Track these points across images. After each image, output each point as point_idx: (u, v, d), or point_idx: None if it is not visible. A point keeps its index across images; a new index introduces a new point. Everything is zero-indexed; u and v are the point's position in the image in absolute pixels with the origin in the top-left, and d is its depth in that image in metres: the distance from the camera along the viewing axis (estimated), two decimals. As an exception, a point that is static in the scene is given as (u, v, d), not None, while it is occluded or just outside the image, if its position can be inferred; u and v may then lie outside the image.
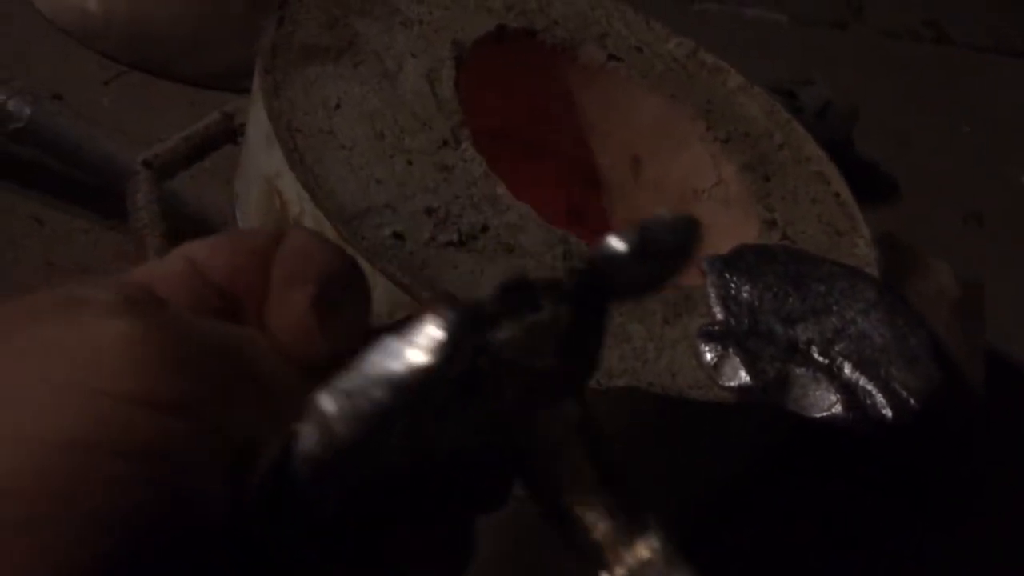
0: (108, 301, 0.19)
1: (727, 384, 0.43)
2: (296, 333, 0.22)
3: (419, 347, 0.17)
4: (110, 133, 0.65)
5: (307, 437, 0.17)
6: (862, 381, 0.45)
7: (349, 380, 0.17)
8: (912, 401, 0.45)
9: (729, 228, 0.59)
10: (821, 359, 0.46)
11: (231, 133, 0.53)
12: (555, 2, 0.64)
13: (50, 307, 0.19)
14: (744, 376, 0.43)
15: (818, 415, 0.43)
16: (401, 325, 0.18)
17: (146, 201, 0.46)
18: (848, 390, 0.44)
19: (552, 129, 0.66)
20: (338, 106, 0.47)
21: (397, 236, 0.42)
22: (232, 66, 0.85)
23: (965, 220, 1.28)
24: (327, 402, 0.17)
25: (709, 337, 0.45)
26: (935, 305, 0.89)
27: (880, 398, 0.45)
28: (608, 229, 0.68)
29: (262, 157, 0.45)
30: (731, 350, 0.44)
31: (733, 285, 0.48)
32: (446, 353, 0.17)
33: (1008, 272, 1.21)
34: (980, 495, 0.84)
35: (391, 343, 0.17)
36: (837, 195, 0.60)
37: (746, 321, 0.46)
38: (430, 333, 0.18)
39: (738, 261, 0.50)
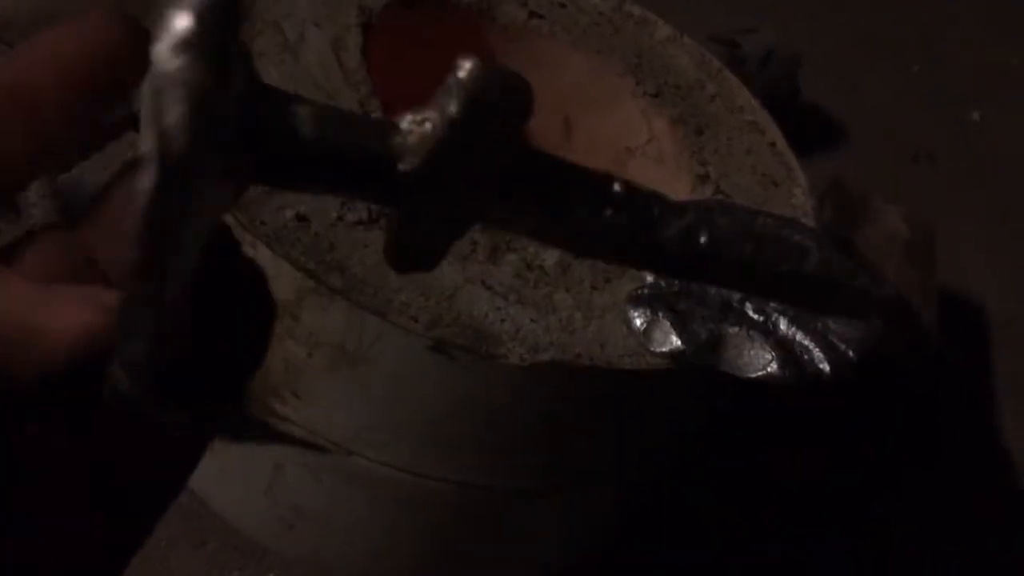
0: None
1: (658, 350, 0.41)
2: None
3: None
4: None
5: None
6: (798, 336, 0.44)
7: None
8: (850, 353, 0.44)
9: (662, 184, 0.57)
10: (756, 316, 0.44)
11: (132, 118, 0.50)
12: (471, -40, 0.61)
13: None
14: (675, 340, 0.41)
15: (753, 375, 0.42)
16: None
17: (38, 198, 0.43)
18: (784, 346, 0.43)
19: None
20: (234, 83, 0.44)
21: (301, 218, 0.40)
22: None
23: (917, 159, 1.27)
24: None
25: (638, 302, 0.43)
26: (886, 249, 0.88)
27: (817, 352, 0.43)
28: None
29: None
30: (661, 314, 0.42)
31: (663, 245, 0.46)
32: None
33: (962, 209, 1.21)
34: (941, 437, 0.83)
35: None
36: (772, 144, 0.58)
37: (676, 282, 0.44)
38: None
39: (668, 220, 0.48)
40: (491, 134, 0.16)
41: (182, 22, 0.13)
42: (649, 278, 0.45)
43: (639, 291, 0.44)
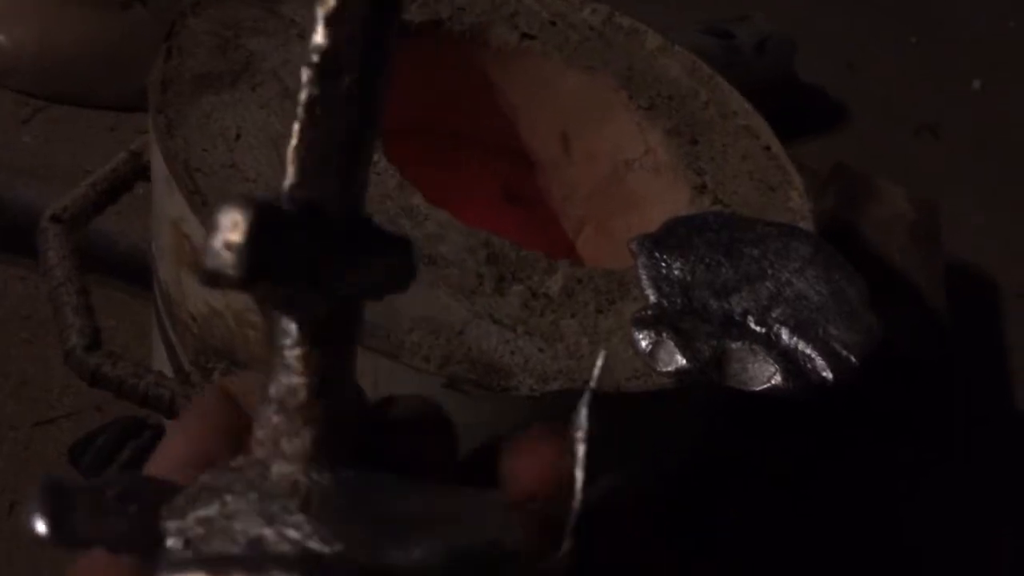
0: None
1: (664, 370, 0.43)
2: None
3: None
4: (28, 181, 0.63)
5: None
6: (800, 345, 0.45)
7: None
8: (852, 358, 0.45)
9: (661, 196, 0.59)
10: (758, 328, 0.45)
11: (142, 170, 0.52)
12: (460, -14, 0.62)
13: None
14: (680, 359, 0.43)
15: (758, 388, 0.43)
16: None
17: (58, 259, 0.44)
18: (787, 357, 0.44)
19: (476, 116, 0.64)
20: (239, 136, 0.46)
21: (310, 267, 0.41)
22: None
23: (918, 133, 1.28)
24: None
25: (642, 323, 0.44)
26: (891, 230, 0.89)
27: (819, 361, 0.44)
28: (545, 208, 0.67)
29: (166, 200, 0.44)
30: (665, 334, 0.43)
31: (664, 264, 0.47)
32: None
33: (968, 180, 1.21)
34: (956, 415, 0.84)
35: None
36: (767, 148, 0.59)
37: (679, 300, 0.46)
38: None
39: (668, 237, 0.49)
40: None
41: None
42: (652, 298, 0.46)
43: (643, 312, 0.45)
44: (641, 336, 0.44)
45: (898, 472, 0.74)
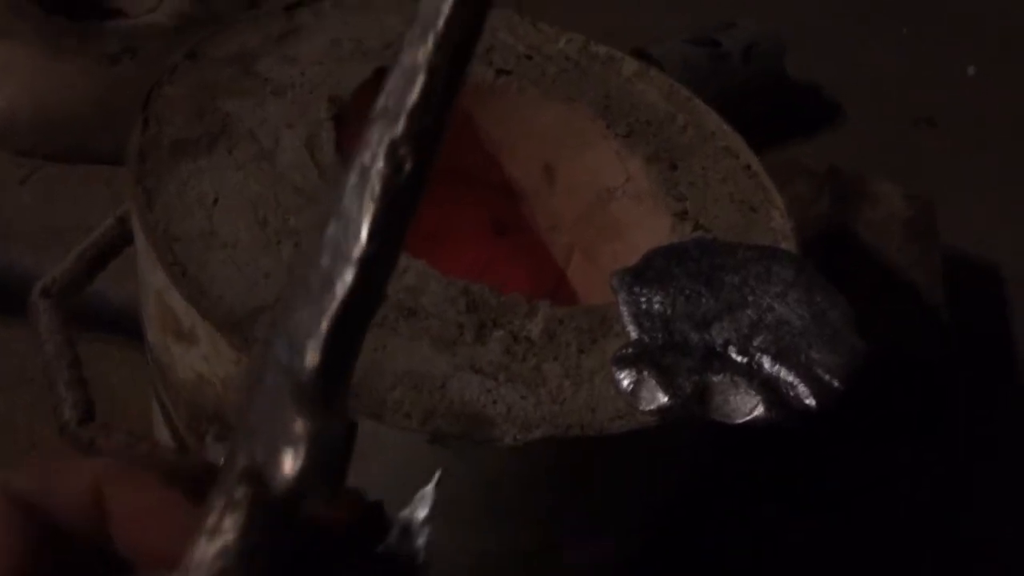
0: None
1: (647, 408, 0.43)
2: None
3: None
4: (23, 248, 0.64)
5: None
6: (782, 373, 0.45)
7: None
8: (835, 383, 0.45)
9: (644, 224, 0.59)
10: (740, 358, 0.46)
11: (129, 235, 0.53)
12: (433, 28, 0.63)
13: None
14: (662, 397, 0.43)
15: (742, 420, 0.43)
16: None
17: (49, 333, 0.45)
18: (769, 386, 0.44)
19: (460, 153, 0.65)
20: (216, 201, 0.47)
21: (291, 330, 0.42)
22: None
23: (915, 124, 1.27)
24: None
25: (623, 362, 0.45)
26: (887, 230, 0.89)
27: (802, 387, 0.44)
28: (534, 238, 0.68)
29: (148, 270, 0.45)
30: (646, 372, 0.44)
31: (644, 299, 0.48)
32: None
33: (966, 169, 1.20)
34: (962, 407, 0.84)
35: None
36: (747, 167, 0.60)
37: (660, 335, 0.46)
38: None
39: (647, 270, 0.50)
40: None
41: None
42: (633, 335, 0.46)
43: (623, 350, 0.45)
44: (622, 375, 0.44)
45: (900, 473, 0.74)
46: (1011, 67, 1.38)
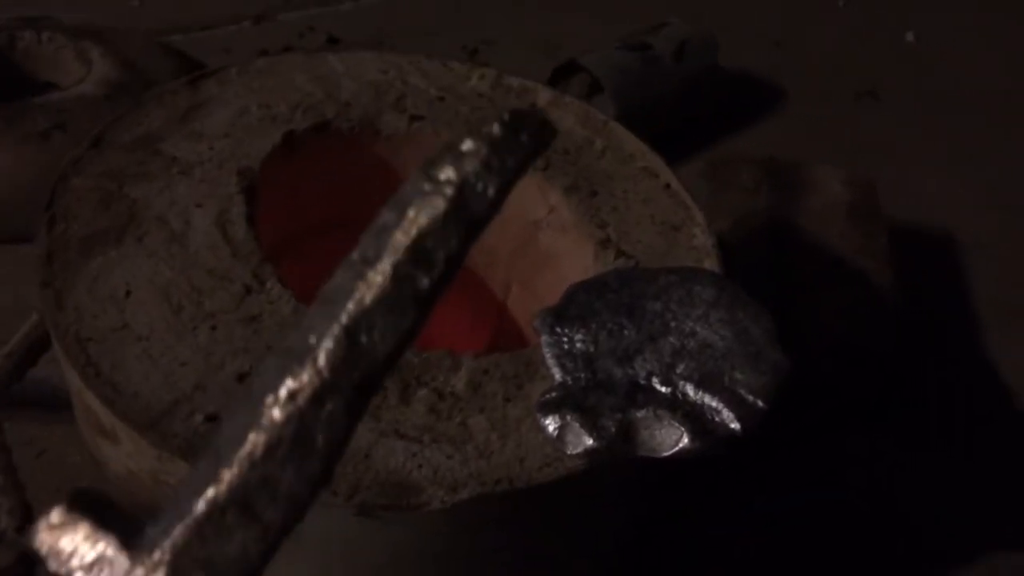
0: None
1: (573, 452, 0.43)
2: None
3: None
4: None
5: None
6: (706, 399, 0.45)
7: None
8: (759, 403, 0.45)
9: (570, 253, 0.59)
10: (663, 389, 0.46)
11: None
12: (343, 82, 0.63)
13: None
14: (587, 440, 0.43)
15: (668, 453, 0.44)
16: None
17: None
18: (693, 416, 0.44)
19: (384, 201, 0.65)
20: (129, 293, 0.47)
21: (210, 418, 0.42)
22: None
23: (858, 98, 1.28)
24: None
25: (547, 407, 0.45)
26: (828, 218, 0.89)
27: (727, 413, 0.45)
28: (472, 275, 0.68)
29: (66, 370, 0.45)
30: (569, 416, 0.44)
31: (566, 339, 0.48)
32: None
33: (913, 137, 1.21)
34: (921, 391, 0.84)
35: None
36: (667, 186, 0.60)
37: (583, 375, 0.46)
38: None
39: (569, 307, 0.50)
40: None
41: None
42: (557, 377, 0.46)
43: (547, 395, 0.45)
44: (547, 421, 0.44)
45: (850, 462, 0.74)
46: (949, 32, 1.39)
